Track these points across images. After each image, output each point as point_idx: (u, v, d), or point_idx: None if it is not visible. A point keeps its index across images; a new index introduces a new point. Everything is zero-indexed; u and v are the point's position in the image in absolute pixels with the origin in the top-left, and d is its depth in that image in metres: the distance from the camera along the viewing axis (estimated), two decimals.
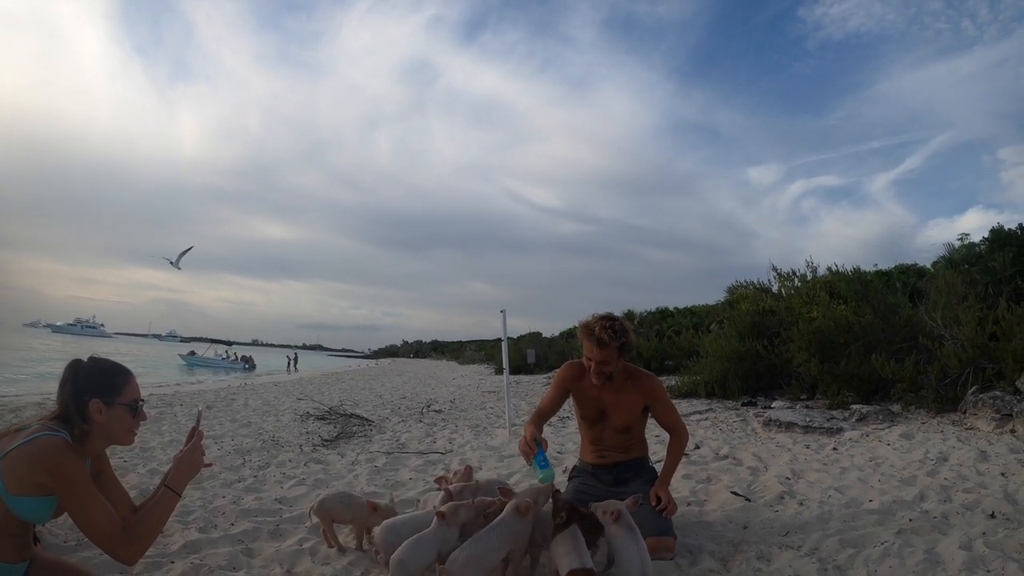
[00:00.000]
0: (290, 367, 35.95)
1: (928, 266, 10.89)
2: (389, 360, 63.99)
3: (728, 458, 4.65)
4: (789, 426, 5.65)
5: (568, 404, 3.07)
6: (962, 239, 10.54)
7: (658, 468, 3.05)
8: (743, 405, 7.44)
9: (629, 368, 2.88)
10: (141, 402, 1.86)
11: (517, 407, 8.64)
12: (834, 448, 4.80)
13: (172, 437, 5.80)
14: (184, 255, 41.09)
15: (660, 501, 2.69)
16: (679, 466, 3.19)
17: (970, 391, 5.43)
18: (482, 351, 41.15)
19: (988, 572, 2.29)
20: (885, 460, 4.25)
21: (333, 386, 15.06)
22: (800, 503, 3.32)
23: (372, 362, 59.98)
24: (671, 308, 20.86)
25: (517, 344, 23.84)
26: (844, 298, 8.06)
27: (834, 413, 6.06)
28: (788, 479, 3.86)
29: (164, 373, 20.50)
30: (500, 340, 7.40)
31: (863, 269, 9.23)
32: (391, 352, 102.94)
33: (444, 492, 2.65)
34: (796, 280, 9.52)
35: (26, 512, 1.65)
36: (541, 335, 29.66)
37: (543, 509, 2.35)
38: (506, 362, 6.83)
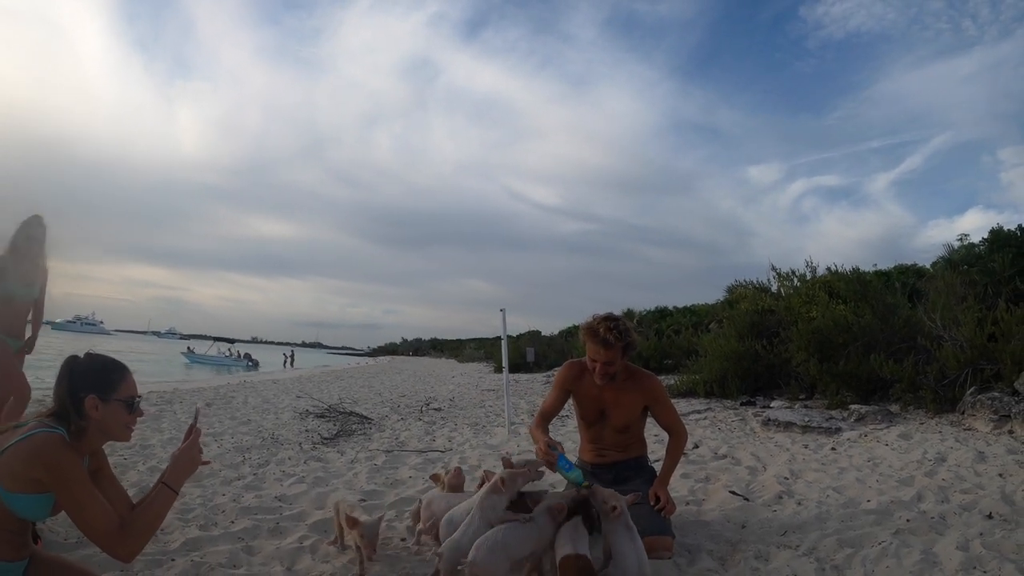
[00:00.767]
0: (286, 364, 36.27)
1: (927, 266, 10.90)
2: (388, 358, 63.99)
3: (727, 457, 4.66)
4: (788, 426, 5.66)
5: (567, 403, 3.08)
6: (961, 240, 10.56)
7: (656, 467, 3.07)
8: (742, 405, 7.45)
9: (630, 368, 2.89)
10: (138, 398, 1.85)
11: (516, 406, 8.66)
12: (832, 448, 4.82)
13: (172, 435, 5.81)
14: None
15: (659, 500, 2.70)
16: (677, 465, 3.20)
17: (968, 392, 5.44)
18: (481, 349, 41.16)
19: (985, 573, 2.30)
20: (883, 460, 4.26)
21: (332, 384, 15.07)
22: (798, 503, 3.33)
23: (371, 360, 60.00)
24: (670, 307, 20.87)
25: (516, 342, 23.84)
26: (843, 298, 8.07)
27: (833, 413, 6.07)
28: (786, 479, 3.87)
29: (167, 370, 20.49)
30: (499, 338, 7.41)
31: (862, 269, 9.25)
32: (390, 350, 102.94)
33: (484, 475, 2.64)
34: (795, 280, 9.52)
35: (23, 509, 1.65)
36: (540, 334, 29.67)
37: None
38: (506, 360, 6.85)
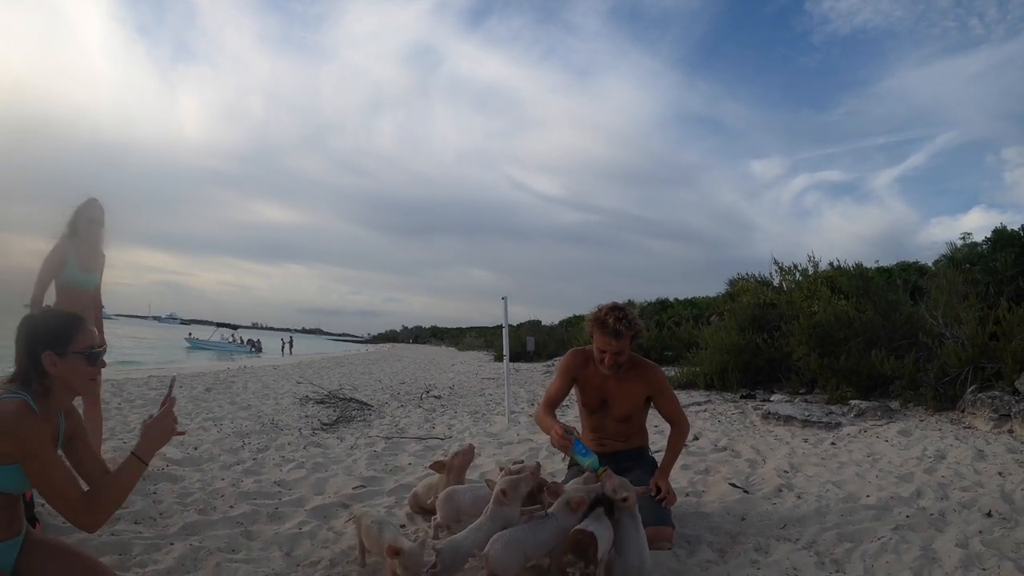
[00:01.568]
0: (284, 350, 36.58)
1: (930, 264, 10.86)
2: (388, 345, 64.15)
3: (726, 450, 4.66)
4: (788, 420, 5.67)
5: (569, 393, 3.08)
6: (964, 238, 10.49)
7: (657, 458, 3.06)
8: (742, 398, 7.45)
9: (634, 358, 2.88)
10: (98, 349, 1.77)
11: (516, 394, 8.66)
12: (832, 443, 4.82)
13: None
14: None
15: (659, 491, 2.70)
16: (678, 457, 3.20)
17: (969, 390, 5.43)
18: (481, 338, 41.20)
19: (984, 570, 2.30)
20: (883, 456, 4.27)
21: (332, 370, 15.10)
22: (798, 496, 3.33)
23: (371, 347, 60.14)
24: (671, 299, 20.87)
25: (517, 331, 23.84)
26: (845, 293, 8.05)
27: (833, 408, 6.07)
28: (786, 472, 3.87)
29: (168, 356, 20.50)
30: (500, 327, 7.40)
31: (865, 265, 9.21)
32: (391, 337, 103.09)
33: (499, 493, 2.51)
34: (797, 274, 9.50)
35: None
36: (541, 323, 29.68)
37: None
38: (506, 349, 6.84)
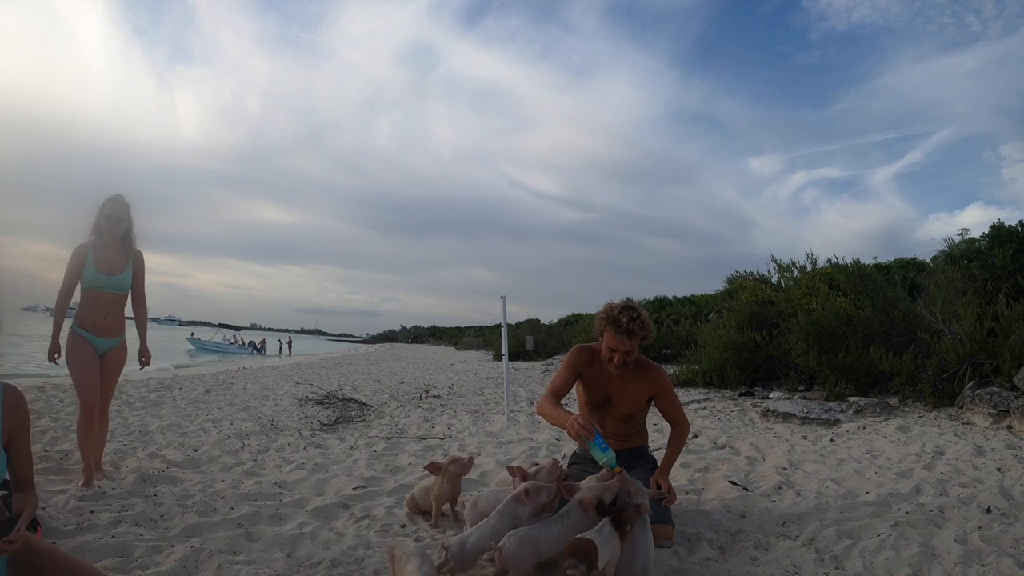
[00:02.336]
0: (282, 351, 36.73)
1: (928, 260, 10.89)
2: (387, 345, 64.13)
3: (726, 448, 4.67)
4: (787, 417, 5.68)
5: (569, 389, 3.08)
6: (962, 234, 10.51)
7: (656, 456, 3.07)
8: (741, 395, 7.47)
9: (639, 358, 2.89)
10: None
11: (515, 394, 8.67)
12: (831, 440, 4.83)
13: (171, 421, 5.82)
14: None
15: (660, 489, 2.70)
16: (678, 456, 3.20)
17: (967, 386, 5.45)
18: (480, 337, 41.21)
19: (983, 566, 2.31)
20: (882, 453, 4.28)
21: (331, 370, 15.09)
22: (797, 493, 3.34)
23: (371, 347, 60.11)
24: (670, 297, 20.88)
25: (516, 331, 23.85)
26: (843, 290, 8.06)
27: (832, 405, 6.08)
28: (785, 469, 3.88)
29: (169, 357, 20.49)
30: (499, 326, 7.40)
31: (863, 262, 9.23)
32: (389, 337, 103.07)
33: (518, 476, 2.53)
34: (796, 271, 9.51)
35: None
36: (540, 322, 29.70)
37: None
38: (505, 348, 6.84)
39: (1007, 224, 9.55)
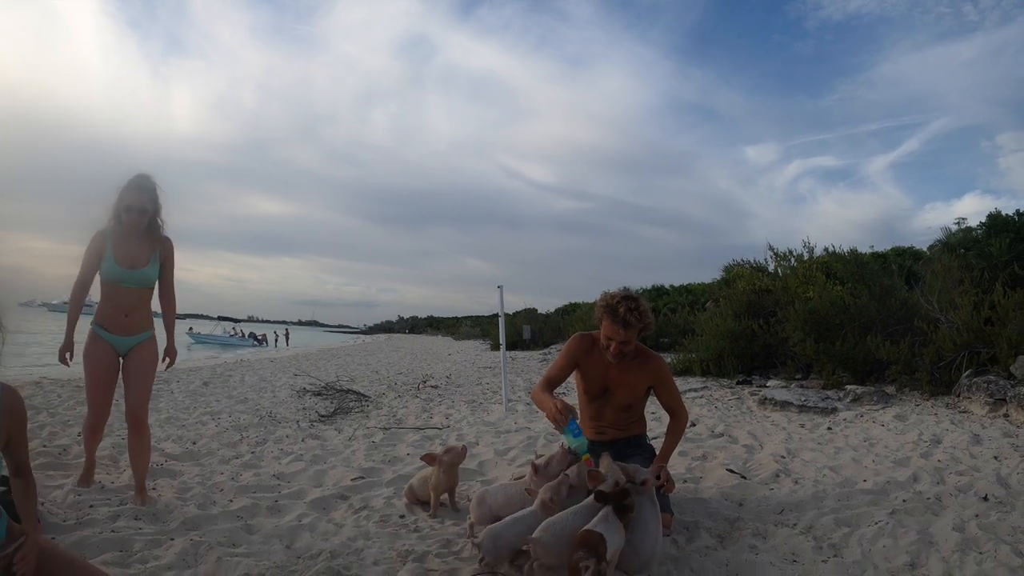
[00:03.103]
0: (277, 342, 36.95)
1: (924, 250, 10.88)
2: (385, 336, 64.14)
3: (724, 436, 4.69)
4: (784, 405, 5.70)
5: (568, 378, 3.07)
6: (959, 223, 10.51)
7: (655, 445, 3.07)
8: (738, 383, 7.49)
9: (638, 347, 2.89)
10: None
11: (513, 383, 8.68)
12: (829, 428, 4.85)
13: (169, 414, 5.80)
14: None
15: (659, 478, 2.71)
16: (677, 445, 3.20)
17: (964, 375, 5.46)
18: (478, 327, 41.20)
19: (981, 554, 2.32)
20: (879, 441, 4.30)
21: (329, 362, 15.09)
22: (795, 481, 3.35)
23: (368, 338, 60.13)
24: (667, 286, 20.88)
25: (513, 320, 23.85)
26: (840, 279, 8.06)
27: (829, 393, 6.11)
28: (783, 457, 3.89)
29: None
30: (496, 316, 7.40)
31: (860, 251, 9.23)
32: (387, 328, 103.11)
33: (531, 468, 2.55)
34: (793, 260, 9.51)
35: None
36: (536, 311, 29.69)
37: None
38: (503, 338, 6.84)
39: (1004, 213, 9.55)
